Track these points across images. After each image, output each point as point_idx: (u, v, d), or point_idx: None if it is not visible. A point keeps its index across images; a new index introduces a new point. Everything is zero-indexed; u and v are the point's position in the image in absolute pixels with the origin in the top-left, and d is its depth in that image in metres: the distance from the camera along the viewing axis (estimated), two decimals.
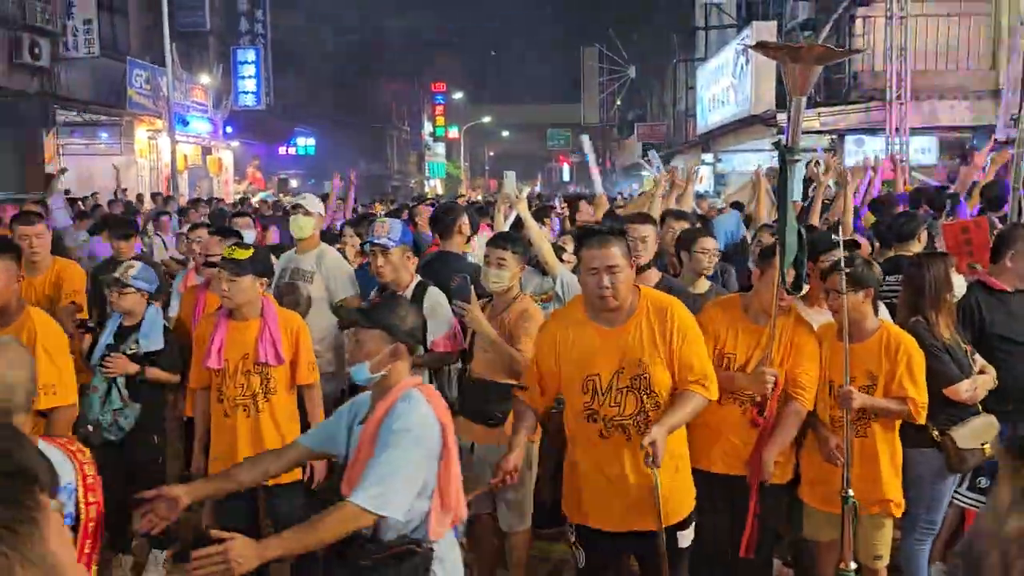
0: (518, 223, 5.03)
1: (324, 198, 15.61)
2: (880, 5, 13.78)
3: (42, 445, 2.04)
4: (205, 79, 23.80)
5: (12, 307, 3.45)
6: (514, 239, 4.23)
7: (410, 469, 2.47)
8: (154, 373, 4.32)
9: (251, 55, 26.26)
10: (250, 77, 26.10)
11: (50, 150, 19.04)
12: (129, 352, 4.27)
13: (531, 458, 3.91)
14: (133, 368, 4.25)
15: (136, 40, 22.24)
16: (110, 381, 4.24)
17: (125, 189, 16.60)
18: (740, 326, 3.48)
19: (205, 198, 16.78)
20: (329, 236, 7.63)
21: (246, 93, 25.99)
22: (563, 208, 7.95)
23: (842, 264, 3.30)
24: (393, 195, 25.66)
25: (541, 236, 4.72)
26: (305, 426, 3.82)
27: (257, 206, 14.89)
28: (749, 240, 6.54)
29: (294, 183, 28.30)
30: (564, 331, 3.15)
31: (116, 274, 4.33)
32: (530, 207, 5.43)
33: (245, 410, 3.67)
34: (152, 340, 4.32)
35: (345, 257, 5.84)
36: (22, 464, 0.64)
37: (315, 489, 3.83)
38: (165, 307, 5.16)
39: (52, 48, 18.15)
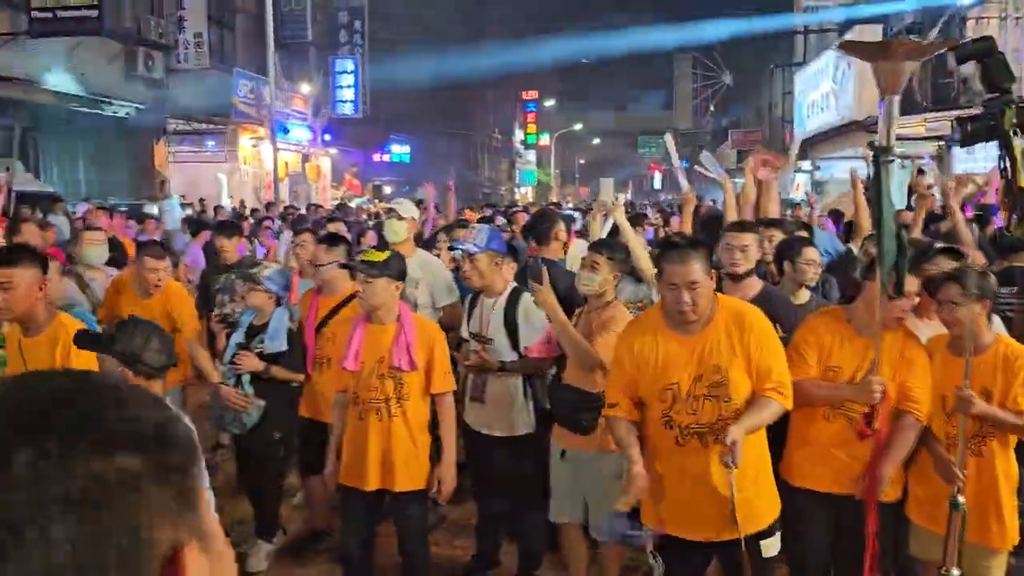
0: (615, 231, 5.00)
1: (418, 204, 15.90)
2: (994, 5, 13.17)
3: None
4: (305, 88, 24.58)
5: (40, 316, 3.50)
6: (611, 245, 4.21)
7: None
8: (279, 372, 4.46)
9: (349, 65, 26.99)
10: (348, 86, 26.83)
11: (161, 158, 20.03)
12: (255, 351, 4.44)
13: (620, 468, 3.87)
14: (259, 366, 4.40)
15: (242, 52, 23.17)
16: (237, 377, 4.43)
17: (230, 197, 17.27)
18: (845, 339, 3.38)
19: (303, 203, 17.33)
20: (425, 243, 7.77)
21: (344, 102, 26.72)
22: (656, 218, 7.88)
23: (961, 274, 3.15)
24: (485, 202, 25.92)
25: (638, 243, 4.68)
26: (435, 437, 3.87)
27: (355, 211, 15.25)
28: (855, 250, 6.33)
29: (388, 189, 28.90)
30: (642, 339, 3.13)
31: (251, 271, 4.51)
32: None
33: (377, 414, 3.67)
34: (277, 342, 4.47)
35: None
36: (183, 435, 0.65)
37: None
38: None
39: (165, 61, 19.09)
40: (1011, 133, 2.86)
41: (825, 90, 17.63)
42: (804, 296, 4.39)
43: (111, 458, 0.60)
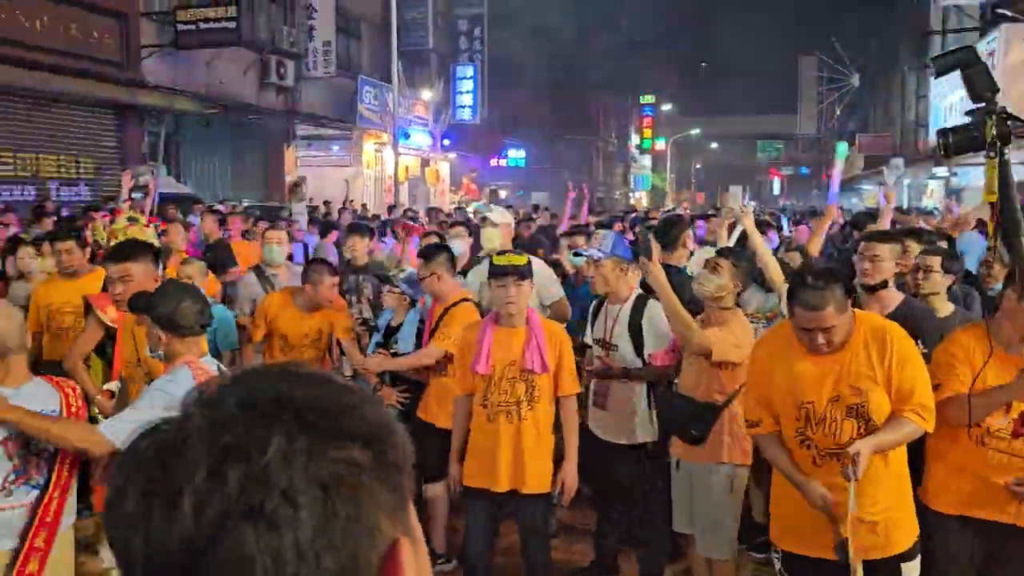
0: (742, 240, 4.90)
1: (535, 208, 15.95)
2: None
3: (37, 381, 2.82)
4: (427, 95, 25.15)
5: None
6: (737, 252, 4.13)
7: (144, 415, 2.58)
8: (411, 374, 4.58)
9: (469, 71, 27.46)
10: (467, 92, 27.30)
11: (290, 162, 20.91)
12: (391, 351, 4.60)
13: (737, 483, 3.78)
14: (390, 365, 4.54)
15: (367, 59, 23.94)
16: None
17: (352, 200, 17.83)
18: (993, 355, 3.19)
19: (422, 207, 17.72)
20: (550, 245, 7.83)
21: (463, 107, 27.20)
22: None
23: None
24: (600, 207, 25.82)
25: (767, 251, 4.56)
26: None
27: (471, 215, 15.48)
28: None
29: (503, 194, 29.17)
30: (775, 356, 3.06)
31: (389, 273, 4.66)
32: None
33: (508, 416, 3.70)
34: (407, 343, 4.61)
35: (560, 267, 5.98)
36: (400, 435, 0.69)
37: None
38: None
39: (296, 69, 19.94)
40: (993, 144, 2.65)
41: (964, 93, 16.69)
42: (947, 308, 4.18)
43: (347, 451, 0.64)
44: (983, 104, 2.70)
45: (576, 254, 5.12)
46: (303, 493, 0.61)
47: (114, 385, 4.04)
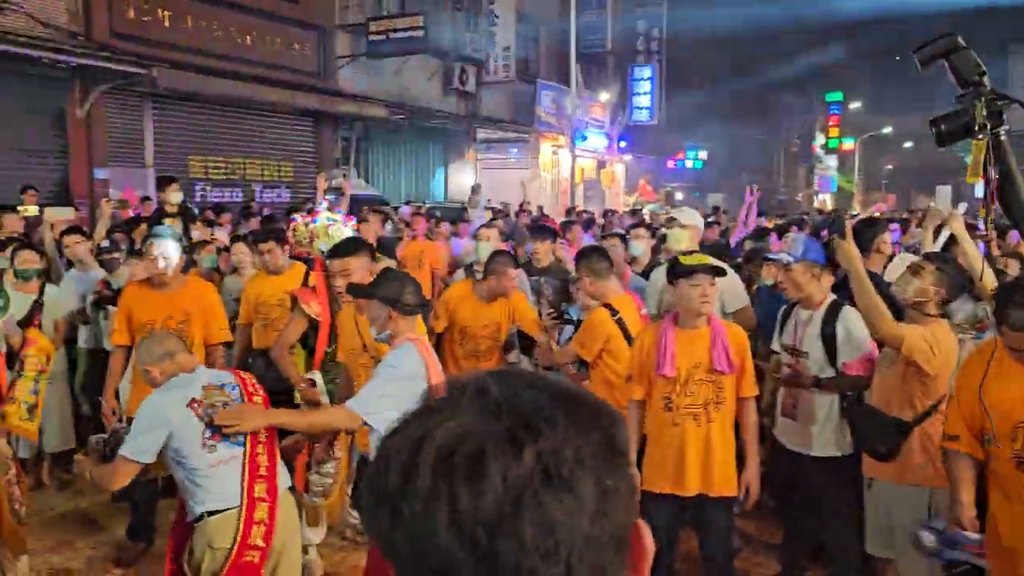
0: (949, 244, 4.56)
1: (715, 210, 15.57)
2: None
3: (204, 368, 3.29)
4: (604, 96, 25.14)
5: None
6: (944, 257, 3.86)
7: (388, 391, 3.10)
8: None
9: (647, 72, 27.18)
10: (645, 93, 27.04)
11: (470, 165, 21.58)
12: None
13: (936, 508, 3.50)
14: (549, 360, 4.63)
15: (545, 63, 24.27)
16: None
17: (528, 202, 18.08)
18: None
19: (599, 209, 17.72)
20: (728, 250, 7.62)
21: (640, 109, 26.97)
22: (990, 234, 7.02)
23: None
24: (781, 209, 24.83)
25: (977, 257, 4.21)
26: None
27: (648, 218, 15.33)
28: None
29: (679, 196, 28.71)
30: (990, 372, 2.85)
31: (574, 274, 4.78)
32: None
33: (695, 419, 3.65)
34: None
35: (742, 270, 5.81)
36: (609, 409, 0.77)
37: None
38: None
39: (477, 74, 20.53)
40: (983, 127, 2.35)
41: None
42: None
43: (598, 434, 0.72)
44: (971, 88, 2.49)
45: (766, 259, 4.95)
46: (586, 464, 0.68)
47: (316, 375, 4.32)
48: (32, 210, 8.20)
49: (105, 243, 6.20)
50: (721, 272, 3.70)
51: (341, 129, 17.40)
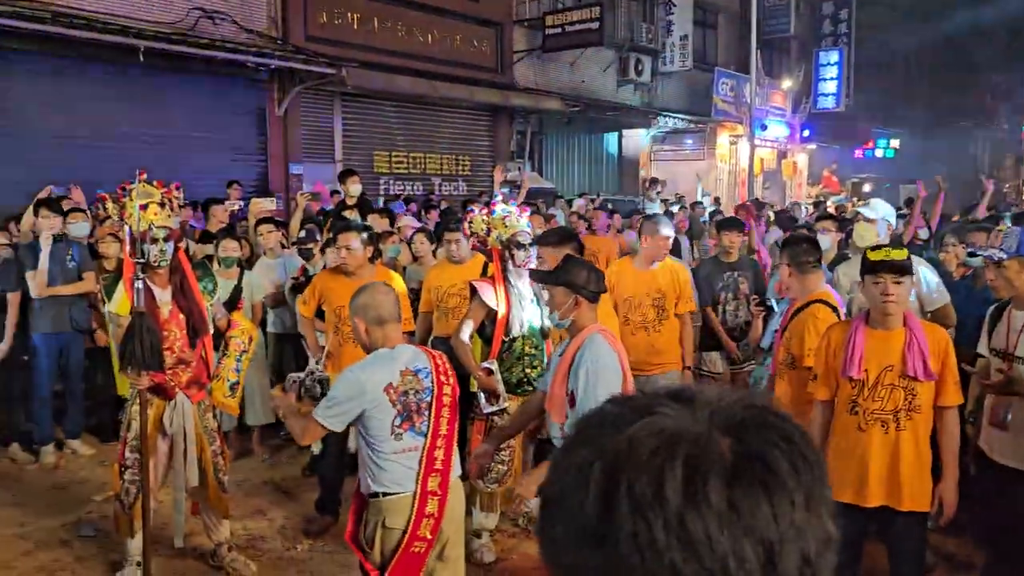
0: None
1: (908, 203, 14.55)
2: None
3: (408, 346, 3.28)
4: (786, 84, 24.07)
5: None
6: None
7: (600, 391, 3.11)
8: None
9: (833, 56, 25.73)
10: (831, 79, 25.61)
11: (644, 156, 21.29)
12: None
13: None
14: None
15: (723, 51, 23.53)
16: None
17: (706, 194, 17.64)
18: None
19: (780, 201, 16.99)
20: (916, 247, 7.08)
21: (826, 95, 25.57)
22: None
23: None
24: (993, 200, 22.79)
25: None
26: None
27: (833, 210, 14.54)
28: None
29: (867, 187, 26.97)
30: None
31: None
32: None
33: (883, 426, 3.43)
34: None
35: (942, 266, 5.40)
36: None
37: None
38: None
39: (652, 64, 20.21)
40: None
41: None
42: None
43: (791, 446, 0.69)
44: None
45: (971, 254, 4.55)
46: (801, 476, 0.67)
47: (493, 363, 4.40)
48: (236, 205, 8.89)
49: (302, 234, 6.60)
50: (907, 270, 3.40)
51: (516, 123, 17.66)
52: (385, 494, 3.11)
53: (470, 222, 4.97)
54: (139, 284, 3.86)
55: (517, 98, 16.59)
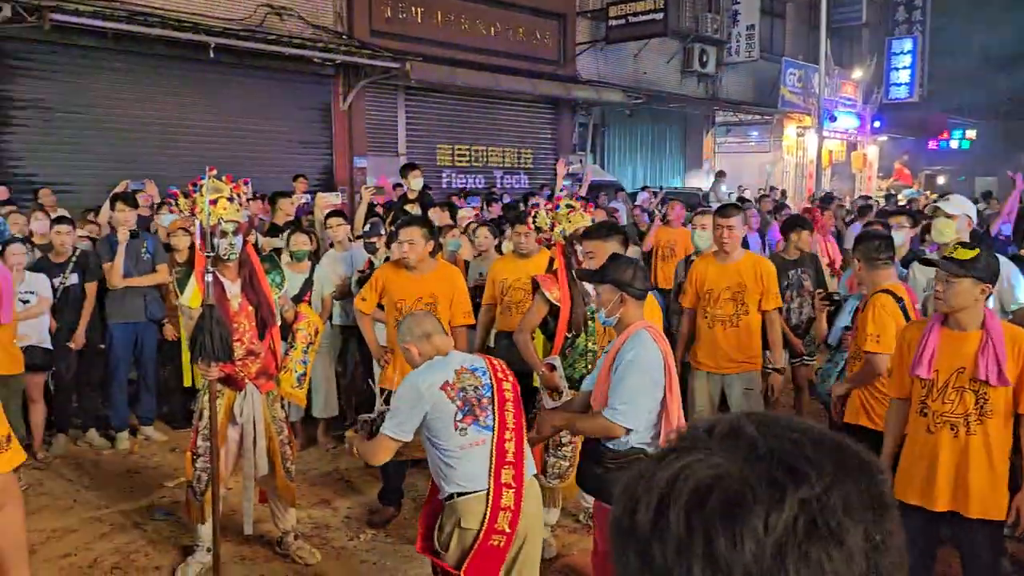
0: None
1: (987, 196, 14.02)
2: None
3: (457, 352, 3.36)
4: (857, 73, 23.44)
5: None
6: None
7: (642, 391, 3.20)
8: None
9: (907, 45, 24.96)
10: (904, 68, 24.85)
11: (708, 148, 20.98)
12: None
13: None
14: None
15: (791, 40, 23.02)
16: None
17: (772, 187, 17.29)
18: None
19: (850, 193, 16.55)
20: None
21: (898, 85, 24.83)
22: None
23: None
24: None
25: None
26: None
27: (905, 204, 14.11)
28: None
29: (941, 180, 26.13)
30: None
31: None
32: None
33: (952, 429, 3.32)
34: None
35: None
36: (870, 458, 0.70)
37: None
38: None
39: (717, 55, 19.89)
40: None
41: None
42: None
43: (859, 485, 0.67)
44: None
45: None
46: (854, 515, 0.63)
47: (555, 359, 4.38)
48: (303, 198, 9.05)
49: (366, 228, 6.67)
50: (966, 269, 3.26)
51: (579, 115, 17.58)
52: (460, 494, 3.13)
53: (534, 216, 4.95)
54: (209, 277, 3.95)
55: (579, 90, 16.50)
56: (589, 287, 3.97)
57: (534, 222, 4.96)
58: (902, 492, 3.41)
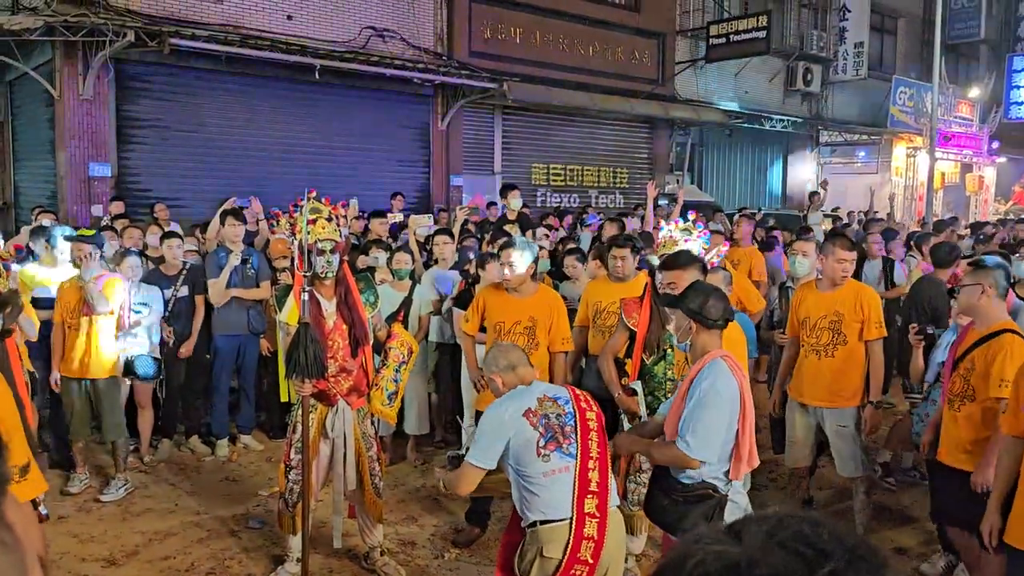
0: None
1: None
2: None
3: (540, 381, 3.40)
4: (974, 92, 22.38)
5: None
6: None
7: (717, 423, 3.17)
8: None
9: None
10: None
11: (811, 170, 20.38)
12: None
13: None
14: None
15: (901, 57, 22.19)
16: None
17: (876, 211, 16.62)
18: None
19: (964, 218, 15.77)
20: None
21: (1019, 104, 23.57)
22: None
23: None
24: None
25: None
26: None
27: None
28: None
29: None
30: None
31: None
32: None
33: None
34: None
35: None
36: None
37: None
38: None
39: (823, 73, 19.34)
40: None
41: None
42: None
43: None
44: None
45: None
46: None
47: (637, 384, 4.30)
48: (398, 217, 9.23)
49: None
50: None
51: (676, 134, 17.37)
52: (543, 522, 3.10)
53: (662, 244, 4.75)
54: (306, 295, 4.06)
55: (677, 110, 16.32)
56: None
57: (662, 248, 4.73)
58: (1018, 537, 3.19)
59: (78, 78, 10.02)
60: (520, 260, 4.75)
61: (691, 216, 4.82)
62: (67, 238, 5.90)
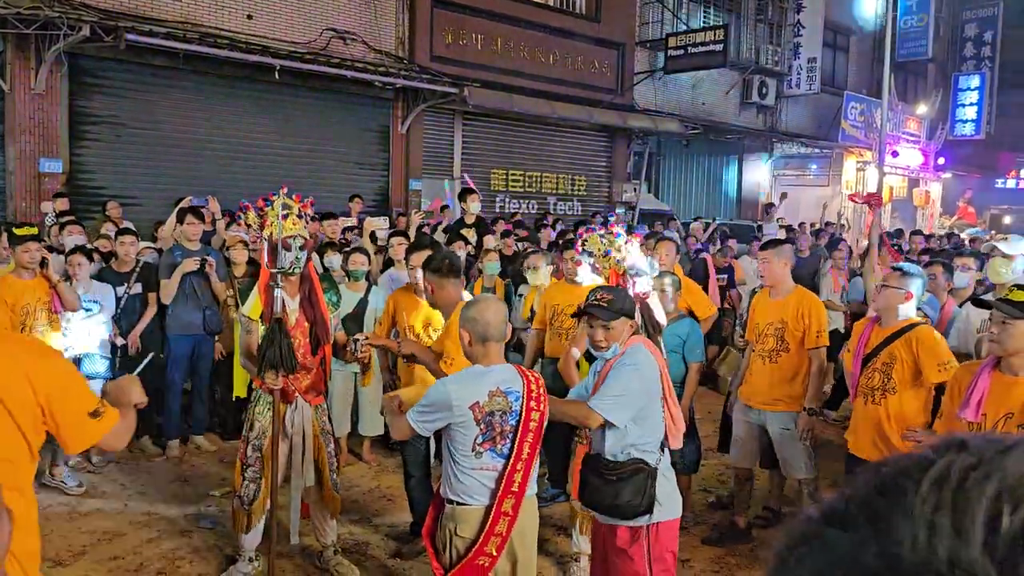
0: None
1: None
2: None
3: (508, 366, 3.24)
4: (921, 109, 23.02)
5: None
6: None
7: (633, 389, 3.29)
8: None
9: (975, 81, 24.46)
10: (971, 105, 24.33)
11: (764, 181, 20.76)
12: None
13: None
14: None
15: (853, 74, 22.74)
16: None
17: (828, 222, 16.98)
18: None
19: (908, 230, 16.18)
20: None
21: (964, 121, 24.30)
22: None
23: None
24: None
25: None
26: None
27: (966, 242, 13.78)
28: None
29: (1008, 219, 25.39)
30: None
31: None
32: None
33: None
34: None
35: None
36: None
37: None
38: None
39: (777, 86, 19.74)
40: None
41: None
42: None
43: None
44: None
45: None
46: None
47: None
48: (351, 221, 9.21)
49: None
50: (1014, 311, 3.20)
51: (634, 144, 17.57)
52: (459, 503, 3.15)
53: (584, 241, 4.88)
54: (278, 292, 4.06)
55: (635, 119, 16.51)
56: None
57: (583, 246, 4.92)
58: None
59: (30, 71, 9.82)
60: (420, 273, 4.86)
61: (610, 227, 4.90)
62: (10, 237, 5.69)
